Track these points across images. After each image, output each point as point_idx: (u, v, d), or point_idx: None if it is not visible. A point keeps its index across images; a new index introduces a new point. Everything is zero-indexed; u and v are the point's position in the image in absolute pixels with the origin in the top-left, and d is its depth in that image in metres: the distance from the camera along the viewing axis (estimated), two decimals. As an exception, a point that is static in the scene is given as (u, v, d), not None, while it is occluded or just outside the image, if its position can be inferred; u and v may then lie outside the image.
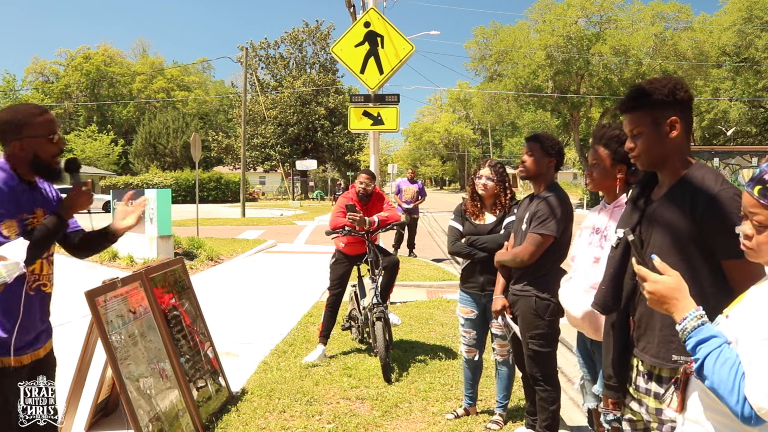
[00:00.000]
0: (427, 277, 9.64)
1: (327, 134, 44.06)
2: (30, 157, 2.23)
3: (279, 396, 4.23)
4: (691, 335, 1.38)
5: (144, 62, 71.81)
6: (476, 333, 3.88)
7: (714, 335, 1.37)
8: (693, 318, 1.40)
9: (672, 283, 1.47)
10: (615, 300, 2.03)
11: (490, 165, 3.87)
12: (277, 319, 6.77)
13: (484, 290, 3.77)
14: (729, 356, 1.33)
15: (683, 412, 1.53)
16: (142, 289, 3.53)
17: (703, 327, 1.38)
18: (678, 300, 1.45)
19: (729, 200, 1.75)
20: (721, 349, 1.34)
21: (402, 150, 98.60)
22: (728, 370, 1.31)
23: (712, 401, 1.42)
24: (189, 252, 11.53)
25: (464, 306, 3.90)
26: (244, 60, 29.96)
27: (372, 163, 7.84)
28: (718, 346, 1.35)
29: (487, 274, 3.75)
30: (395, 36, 7.77)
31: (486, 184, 3.79)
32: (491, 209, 3.85)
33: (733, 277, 1.76)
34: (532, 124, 49.81)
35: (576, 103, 34.00)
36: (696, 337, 1.37)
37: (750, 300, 1.43)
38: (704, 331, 1.38)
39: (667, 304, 1.46)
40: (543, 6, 34.45)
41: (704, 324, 1.39)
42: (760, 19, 36.82)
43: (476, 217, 3.86)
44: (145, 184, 37.18)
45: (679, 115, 1.89)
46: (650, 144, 1.91)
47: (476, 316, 3.85)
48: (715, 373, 1.32)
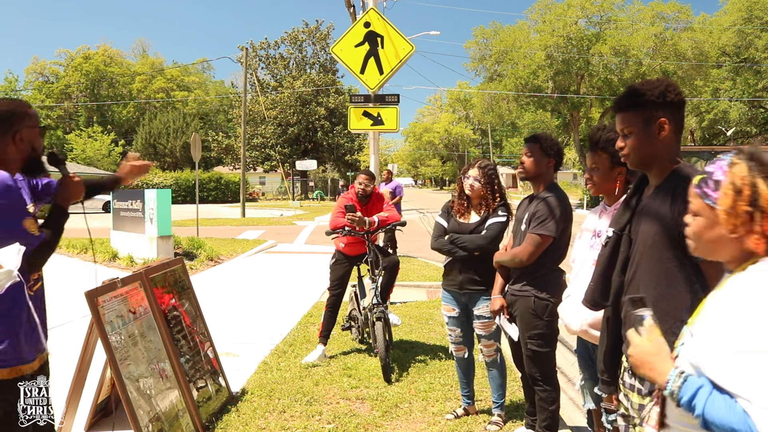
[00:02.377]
0: (427, 277, 9.64)
1: (327, 134, 44.05)
2: (27, 150, 2.21)
3: (279, 396, 4.24)
4: (681, 395, 1.34)
5: (144, 62, 71.77)
6: (461, 330, 3.88)
7: (700, 386, 1.32)
8: (675, 378, 1.36)
9: (649, 348, 1.44)
10: (603, 296, 2.10)
11: (479, 166, 3.80)
12: (277, 319, 6.77)
13: (463, 288, 3.77)
14: (721, 400, 1.29)
15: (662, 430, 1.51)
16: (142, 290, 3.53)
17: (687, 383, 1.34)
18: (654, 363, 1.42)
19: None
20: (712, 395, 1.30)
21: (402, 150, 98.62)
22: (727, 412, 1.26)
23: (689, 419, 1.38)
24: (189, 252, 11.53)
25: (446, 304, 3.92)
26: (244, 60, 29.97)
27: (372, 164, 7.84)
28: (708, 393, 1.30)
29: (465, 273, 3.75)
30: (395, 36, 7.77)
31: (473, 185, 3.76)
32: (477, 209, 3.83)
33: (710, 275, 1.82)
34: (532, 125, 49.77)
35: (576, 104, 34.02)
36: (686, 396, 1.32)
37: (710, 311, 1.39)
38: (690, 386, 1.33)
39: (645, 367, 1.44)
40: (543, 6, 34.47)
41: (687, 379, 1.34)
42: (760, 19, 36.81)
43: (461, 215, 3.84)
44: (145, 184, 37.12)
45: (669, 116, 1.95)
46: (640, 143, 1.97)
47: (458, 314, 3.85)
48: (720, 423, 1.27)
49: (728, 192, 1.34)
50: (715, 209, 1.38)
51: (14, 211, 2.07)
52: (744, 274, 1.35)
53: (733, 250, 1.39)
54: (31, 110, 2.25)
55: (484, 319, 3.71)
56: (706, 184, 1.41)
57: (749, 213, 1.32)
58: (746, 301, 1.29)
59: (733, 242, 1.37)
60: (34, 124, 2.22)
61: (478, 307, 3.74)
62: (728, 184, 1.35)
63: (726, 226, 1.35)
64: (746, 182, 1.33)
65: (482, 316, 3.71)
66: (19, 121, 2.18)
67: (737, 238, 1.35)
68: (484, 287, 3.69)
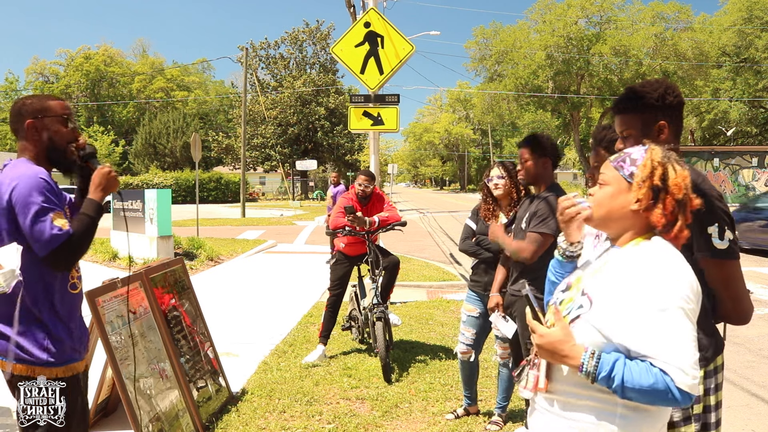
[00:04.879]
0: (427, 277, 9.64)
1: (327, 134, 44.06)
2: (46, 142, 2.15)
3: (279, 396, 4.24)
4: (598, 373, 1.40)
5: (144, 62, 71.81)
6: (475, 332, 3.89)
7: (614, 360, 1.40)
8: (588, 358, 1.42)
9: (558, 335, 1.47)
10: None
11: (500, 165, 3.84)
12: (277, 319, 6.77)
13: (487, 290, 3.79)
14: (637, 366, 1.38)
15: (548, 389, 1.55)
16: (142, 290, 3.53)
17: (601, 361, 1.41)
18: (565, 350, 1.46)
19: (708, 201, 1.79)
20: (628, 365, 1.39)
21: (402, 150, 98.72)
22: (646, 376, 1.36)
23: (579, 379, 1.46)
24: (189, 252, 11.53)
25: (469, 303, 3.94)
26: (244, 60, 29.96)
27: (372, 164, 7.84)
28: (624, 365, 1.39)
29: (490, 275, 3.77)
30: (395, 36, 7.77)
31: (497, 184, 3.76)
32: (506, 210, 3.83)
33: (710, 273, 1.84)
34: (532, 124, 49.79)
35: (576, 104, 34.04)
36: (603, 372, 1.39)
37: (615, 281, 1.47)
38: (604, 363, 1.40)
39: (557, 355, 1.47)
40: (543, 6, 34.48)
41: (600, 358, 1.41)
42: (760, 20, 36.82)
43: (488, 219, 3.87)
44: (145, 185, 37.16)
45: (668, 119, 1.95)
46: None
47: (479, 315, 3.87)
48: (639, 388, 1.36)
49: (647, 165, 1.51)
50: (626, 180, 1.53)
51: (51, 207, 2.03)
52: (648, 246, 1.49)
53: (627, 223, 1.54)
54: (53, 102, 2.19)
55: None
56: (623, 160, 1.56)
57: (657, 189, 1.49)
58: (655, 268, 1.42)
59: (632, 214, 1.52)
60: (52, 115, 2.16)
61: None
62: (647, 160, 1.52)
63: (635, 195, 1.50)
64: (661, 163, 1.51)
65: None
66: (31, 114, 2.14)
67: (637, 211, 1.50)
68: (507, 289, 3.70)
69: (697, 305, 1.43)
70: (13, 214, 2.02)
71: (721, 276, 1.84)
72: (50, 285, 2.09)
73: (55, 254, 2.01)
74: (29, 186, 2.02)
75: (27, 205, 2.00)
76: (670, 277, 1.41)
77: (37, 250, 2.01)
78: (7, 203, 2.02)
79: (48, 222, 2.00)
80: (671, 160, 1.53)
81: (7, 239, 2.05)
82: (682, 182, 1.50)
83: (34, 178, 2.04)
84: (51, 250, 2.00)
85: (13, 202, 2.01)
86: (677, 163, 1.53)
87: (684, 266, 1.44)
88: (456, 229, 18.39)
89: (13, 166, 2.11)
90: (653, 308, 1.39)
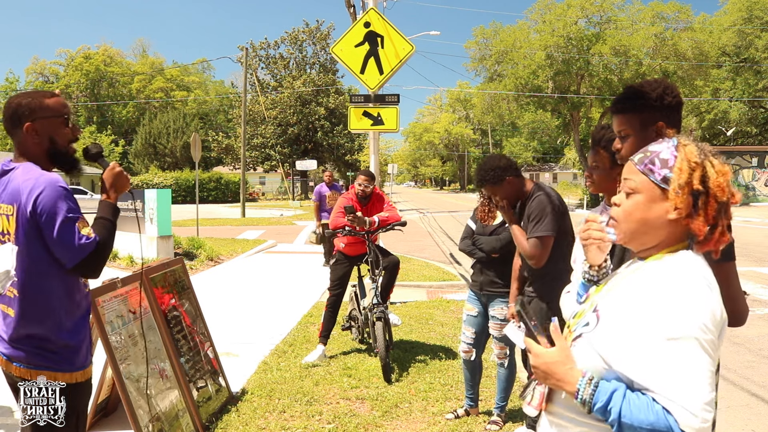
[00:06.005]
0: (427, 277, 9.64)
1: (327, 134, 44.05)
2: (46, 144, 2.08)
3: (279, 396, 4.24)
4: (594, 403, 1.24)
5: (144, 62, 71.84)
6: (475, 331, 3.89)
7: (613, 390, 1.23)
8: (584, 385, 1.26)
9: (554, 357, 1.32)
10: None
11: None
12: (277, 319, 6.77)
13: (483, 289, 3.82)
14: (638, 400, 1.21)
15: (547, 408, 1.42)
16: (142, 289, 3.52)
17: (598, 389, 1.24)
18: (559, 373, 1.30)
19: None
20: (627, 398, 1.22)
21: (402, 150, 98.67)
22: (646, 413, 1.19)
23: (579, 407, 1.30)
24: (189, 252, 11.53)
25: (469, 303, 3.96)
26: (244, 60, 29.96)
27: (372, 164, 7.84)
28: (623, 396, 1.22)
29: (485, 275, 3.80)
30: (395, 36, 7.77)
31: None
32: None
33: (716, 275, 1.79)
34: (532, 125, 49.82)
35: (576, 104, 34.00)
36: (599, 403, 1.23)
37: (627, 299, 1.30)
38: (601, 393, 1.24)
39: (551, 378, 1.32)
40: (543, 6, 34.46)
41: (598, 386, 1.25)
42: (760, 19, 36.83)
43: (484, 220, 3.92)
44: (145, 184, 37.17)
45: (666, 120, 1.93)
46: (636, 147, 1.94)
47: (477, 314, 3.88)
48: (638, 426, 1.19)
49: (683, 169, 1.29)
50: (658, 187, 1.31)
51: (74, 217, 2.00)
52: (671, 261, 1.29)
53: (661, 234, 1.32)
54: (51, 100, 2.11)
55: (497, 320, 3.74)
56: (651, 161, 1.33)
57: (697, 193, 1.27)
58: (672, 289, 1.23)
59: (667, 224, 1.30)
60: (51, 115, 2.08)
61: (493, 308, 3.77)
62: (683, 162, 1.29)
63: (673, 203, 1.28)
64: (699, 163, 1.29)
65: (496, 317, 3.74)
66: (29, 113, 2.06)
67: (676, 220, 1.29)
68: (502, 289, 3.73)
69: (717, 337, 1.23)
70: (36, 223, 1.97)
71: (718, 277, 1.82)
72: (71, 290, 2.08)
73: (85, 263, 1.99)
74: (54, 196, 1.97)
75: (54, 215, 1.96)
76: (688, 300, 1.21)
77: (67, 260, 1.98)
78: (31, 213, 1.96)
79: (76, 232, 1.98)
80: (708, 155, 1.31)
81: (24, 246, 2.00)
82: (724, 181, 1.29)
83: (55, 186, 1.98)
84: (81, 259, 1.98)
85: (38, 212, 1.96)
86: (714, 157, 1.32)
87: (707, 289, 1.24)
88: (456, 229, 18.39)
89: (26, 171, 2.03)
90: (662, 335, 1.20)
